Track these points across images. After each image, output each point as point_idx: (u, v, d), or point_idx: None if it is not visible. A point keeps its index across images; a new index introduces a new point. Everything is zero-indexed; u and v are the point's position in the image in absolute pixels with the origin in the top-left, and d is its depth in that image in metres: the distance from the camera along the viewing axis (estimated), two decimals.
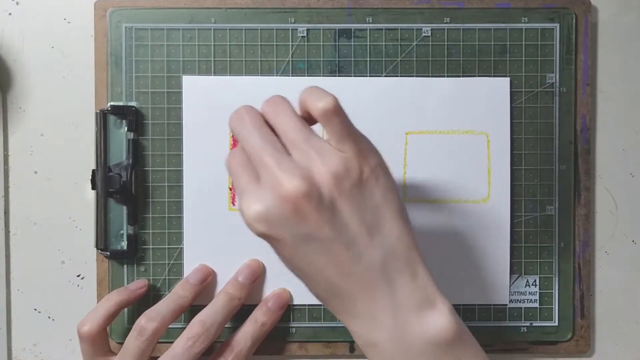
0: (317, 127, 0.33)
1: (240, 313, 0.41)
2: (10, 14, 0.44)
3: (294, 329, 0.43)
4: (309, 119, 0.33)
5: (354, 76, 0.43)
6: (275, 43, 0.43)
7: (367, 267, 0.31)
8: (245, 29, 0.43)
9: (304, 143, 0.31)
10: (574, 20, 0.43)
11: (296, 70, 0.43)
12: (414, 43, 0.43)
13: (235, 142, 0.42)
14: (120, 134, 0.42)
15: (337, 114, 0.31)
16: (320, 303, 0.42)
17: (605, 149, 0.44)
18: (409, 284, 0.31)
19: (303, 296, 0.43)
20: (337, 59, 0.43)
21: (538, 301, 0.43)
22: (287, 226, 0.31)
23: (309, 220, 0.30)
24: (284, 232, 0.31)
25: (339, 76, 0.43)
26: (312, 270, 0.32)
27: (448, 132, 0.43)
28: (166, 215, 0.43)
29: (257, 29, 0.43)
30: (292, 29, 0.43)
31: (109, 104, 0.42)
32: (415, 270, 0.32)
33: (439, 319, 0.31)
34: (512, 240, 0.43)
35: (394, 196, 0.32)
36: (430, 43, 0.43)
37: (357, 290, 0.31)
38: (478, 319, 0.43)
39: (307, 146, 0.31)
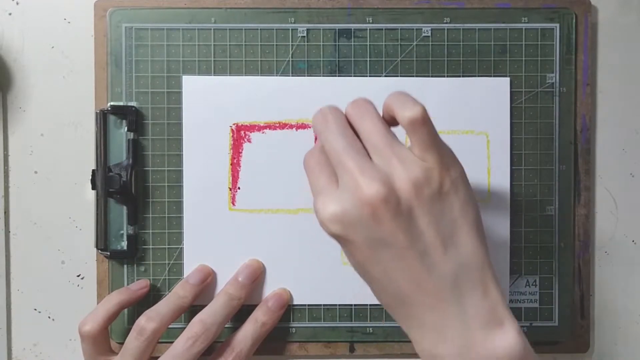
0: (399, 131, 0.33)
1: (240, 313, 0.41)
2: (10, 14, 0.44)
3: (294, 329, 0.43)
4: (391, 122, 0.33)
5: (354, 76, 0.43)
6: (275, 43, 0.43)
7: (439, 280, 0.31)
8: (245, 29, 0.43)
9: (387, 148, 0.31)
10: (574, 20, 0.43)
11: (296, 70, 0.43)
12: (414, 43, 0.43)
13: (235, 143, 0.42)
14: (120, 134, 0.42)
15: (425, 124, 0.31)
16: (320, 303, 0.43)
17: (605, 149, 0.44)
18: (479, 300, 0.31)
19: (303, 296, 0.43)
20: (337, 59, 0.43)
21: (538, 301, 0.43)
22: (362, 229, 0.30)
23: (384, 225, 0.30)
24: (358, 235, 0.30)
25: (339, 76, 0.43)
26: (382, 276, 0.31)
27: (448, 132, 0.43)
28: (166, 215, 0.43)
29: (257, 29, 0.43)
30: (292, 29, 0.43)
31: (109, 104, 0.42)
32: (487, 287, 0.31)
33: (506, 339, 0.31)
34: (512, 240, 0.43)
35: (472, 210, 0.32)
36: (430, 43, 0.43)
37: (426, 302, 0.31)
38: None
39: (390, 152, 0.31)
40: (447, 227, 0.31)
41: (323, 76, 0.43)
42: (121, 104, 0.42)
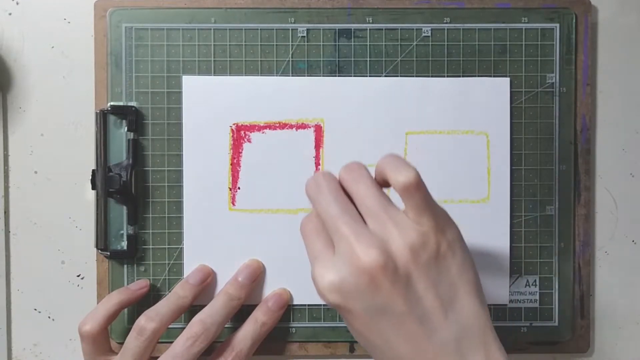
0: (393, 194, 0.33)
1: (240, 313, 0.41)
2: (10, 14, 0.44)
3: (294, 329, 0.43)
4: (384, 185, 0.33)
5: (354, 76, 0.43)
6: (275, 43, 0.43)
7: (440, 344, 0.30)
8: (245, 29, 0.43)
9: (382, 213, 0.31)
10: (574, 20, 0.43)
11: (296, 70, 0.43)
12: (414, 43, 0.43)
13: (235, 143, 0.42)
14: (120, 134, 0.42)
15: (419, 188, 0.31)
16: (320, 303, 0.43)
17: (605, 149, 0.44)
18: None
19: (303, 296, 0.43)
20: (337, 59, 0.43)
21: (538, 301, 0.43)
22: (361, 298, 0.30)
23: (383, 292, 0.30)
24: (358, 304, 0.30)
25: (339, 76, 0.43)
26: (381, 343, 0.31)
27: (448, 132, 0.43)
28: (166, 215, 0.43)
29: (257, 29, 0.43)
30: (292, 29, 0.43)
31: (109, 104, 0.42)
32: (489, 350, 0.31)
33: None
34: (512, 240, 0.43)
35: (470, 272, 0.32)
36: (430, 43, 0.43)
37: None
38: None
39: (385, 216, 0.31)
40: (446, 291, 0.31)
41: (323, 76, 0.43)
42: (121, 104, 0.42)
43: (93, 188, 0.42)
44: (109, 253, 0.42)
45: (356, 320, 0.31)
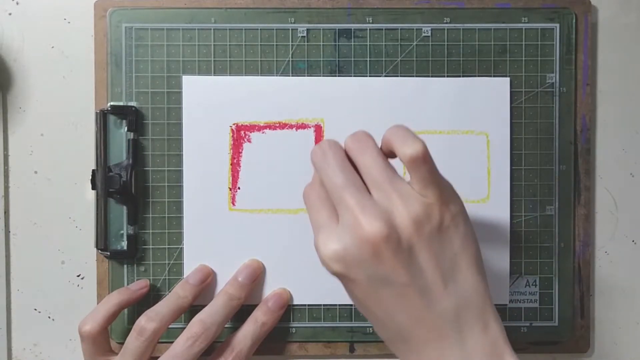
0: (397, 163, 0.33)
1: (240, 313, 0.41)
2: (10, 14, 0.44)
3: (294, 329, 0.43)
4: (390, 156, 0.33)
5: (354, 76, 0.43)
6: (275, 43, 0.43)
7: (440, 315, 0.31)
8: (245, 29, 0.43)
9: (387, 184, 0.31)
10: (574, 20, 0.43)
11: (296, 70, 0.43)
12: (414, 43, 0.43)
13: (235, 143, 0.42)
14: (120, 134, 0.42)
15: (425, 161, 0.31)
16: (320, 303, 0.43)
17: (605, 149, 0.44)
18: (479, 335, 0.31)
19: (303, 296, 0.43)
20: (337, 59, 0.43)
21: (538, 301, 0.43)
22: (363, 267, 0.30)
23: (386, 263, 0.30)
24: (360, 274, 0.31)
25: (339, 76, 0.43)
26: (383, 313, 0.31)
27: (448, 132, 0.43)
28: (166, 215, 0.43)
29: (257, 29, 0.43)
30: (292, 29, 0.43)
31: (109, 104, 0.42)
32: (487, 322, 0.31)
33: None
34: (512, 240, 0.43)
35: (472, 245, 0.32)
36: (430, 43, 0.43)
37: (427, 337, 0.31)
38: None
39: (390, 188, 0.31)
40: (448, 263, 0.31)
41: (323, 76, 0.43)
42: (121, 104, 0.42)
43: (93, 188, 0.42)
44: (109, 253, 0.42)
45: (358, 289, 0.31)
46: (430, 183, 0.31)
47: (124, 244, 0.42)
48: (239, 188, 0.42)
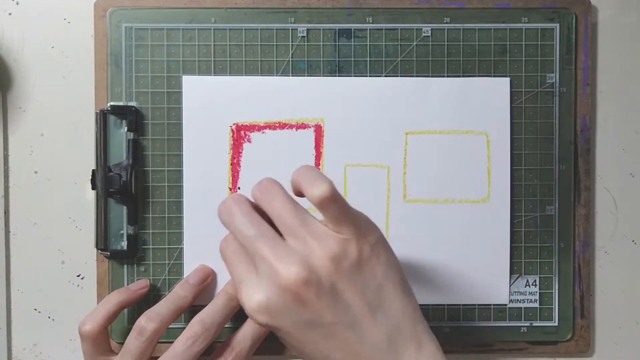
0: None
1: (240, 313, 0.41)
2: (10, 14, 0.44)
3: None
4: (300, 195, 0.33)
5: (354, 76, 0.43)
6: (275, 43, 0.43)
7: (373, 346, 0.31)
8: (245, 29, 0.43)
9: (300, 228, 0.31)
10: (574, 20, 0.43)
11: (296, 70, 0.43)
12: (414, 43, 0.43)
13: (235, 143, 0.42)
14: (120, 134, 0.42)
15: (334, 200, 0.31)
16: None
17: (605, 149, 0.44)
18: (415, 356, 0.32)
19: None
20: (337, 59, 0.43)
21: (538, 301, 0.43)
22: (289, 315, 0.31)
23: (309, 307, 0.30)
24: (287, 321, 0.31)
25: (339, 76, 0.43)
26: (319, 354, 0.32)
27: (448, 132, 0.43)
28: (166, 215, 0.43)
29: (257, 29, 0.43)
30: (292, 29, 0.43)
31: (109, 104, 0.42)
32: (421, 341, 0.32)
33: None
34: (512, 240, 0.43)
35: (395, 271, 0.32)
36: (430, 43, 0.43)
37: None
38: (478, 319, 0.43)
39: (304, 231, 0.31)
40: (373, 293, 0.31)
41: (323, 76, 0.43)
42: (121, 104, 0.42)
43: (93, 188, 0.42)
44: (109, 253, 0.42)
45: (288, 336, 0.32)
46: (343, 220, 0.31)
47: (124, 244, 0.42)
48: (239, 188, 0.42)
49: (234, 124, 0.42)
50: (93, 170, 0.42)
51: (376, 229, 0.33)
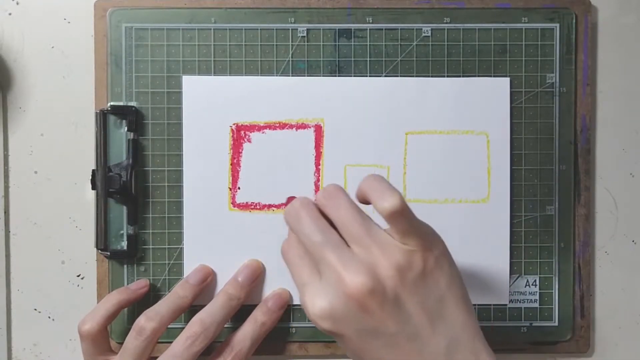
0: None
1: (240, 313, 0.41)
2: (10, 14, 0.44)
3: (294, 329, 0.43)
4: (365, 203, 0.33)
5: (354, 76, 0.43)
6: (275, 43, 0.43)
7: (431, 357, 0.31)
8: (245, 29, 0.43)
9: (366, 237, 0.31)
10: (574, 20, 0.43)
11: (296, 70, 0.43)
12: (414, 43, 0.43)
13: (235, 143, 0.42)
14: (120, 134, 0.42)
15: (403, 213, 0.31)
16: None
17: (605, 149, 0.44)
18: None
19: None
20: (337, 59, 0.43)
21: (538, 301, 0.43)
22: (352, 322, 0.31)
23: (373, 316, 0.30)
24: (349, 328, 0.31)
25: (339, 76, 0.43)
26: None
27: (448, 132, 0.43)
28: (166, 215, 0.43)
29: (257, 29, 0.43)
30: (292, 29, 0.43)
31: (109, 104, 0.42)
32: (479, 357, 0.32)
33: None
34: (512, 240, 0.43)
35: (457, 284, 0.32)
36: (430, 43, 0.43)
37: None
38: (478, 319, 0.43)
39: (369, 240, 0.31)
40: (435, 305, 0.31)
41: (323, 76, 0.43)
42: (121, 104, 0.42)
43: (93, 188, 0.42)
44: (109, 253, 0.42)
45: (349, 343, 0.32)
46: (410, 232, 0.31)
47: (124, 244, 0.42)
48: (239, 188, 0.42)
49: (234, 124, 0.42)
50: (93, 170, 0.42)
51: (440, 241, 0.33)
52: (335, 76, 0.43)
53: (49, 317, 0.44)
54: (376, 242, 0.31)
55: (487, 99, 0.43)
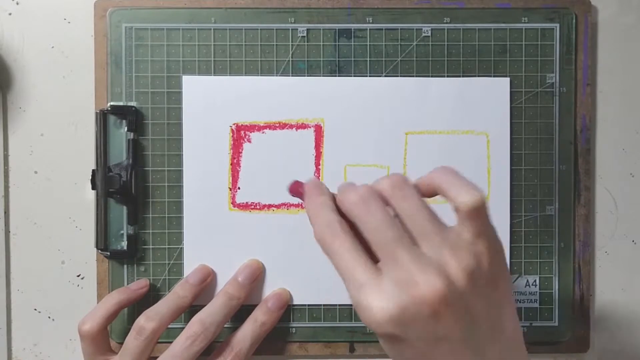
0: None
1: (240, 313, 0.41)
2: (10, 14, 0.44)
3: (294, 329, 0.43)
4: (429, 195, 0.31)
5: (354, 76, 0.43)
6: (275, 43, 0.43)
7: None
8: (245, 29, 0.43)
9: (437, 236, 0.29)
10: (574, 20, 0.43)
11: (296, 70, 0.43)
12: (414, 43, 0.43)
13: (235, 143, 0.42)
14: (120, 134, 0.42)
15: (484, 212, 0.29)
16: (320, 303, 0.43)
17: (605, 149, 0.44)
18: None
19: (303, 296, 0.43)
20: (337, 59, 0.43)
21: (538, 301, 0.43)
22: (420, 328, 0.28)
23: (443, 321, 0.28)
24: (415, 334, 0.28)
25: (339, 76, 0.43)
26: None
27: (448, 132, 0.43)
28: (166, 215, 0.43)
29: (257, 29, 0.43)
30: (292, 29, 0.43)
31: (108, 104, 0.42)
32: None
33: None
34: (512, 240, 0.43)
35: (511, 291, 0.31)
36: (430, 43, 0.43)
37: None
38: None
39: (440, 240, 0.29)
40: (495, 311, 0.30)
41: (323, 76, 0.43)
42: (121, 104, 0.42)
43: (93, 188, 0.42)
44: (109, 253, 0.42)
45: (408, 349, 0.29)
46: (483, 233, 0.29)
47: (124, 244, 0.42)
48: (239, 188, 0.42)
49: (233, 124, 0.42)
50: (93, 170, 0.42)
51: (501, 242, 0.31)
52: (335, 76, 0.43)
53: (49, 317, 0.44)
54: (446, 240, 0.29)
55: (487, 99, 0.43)
